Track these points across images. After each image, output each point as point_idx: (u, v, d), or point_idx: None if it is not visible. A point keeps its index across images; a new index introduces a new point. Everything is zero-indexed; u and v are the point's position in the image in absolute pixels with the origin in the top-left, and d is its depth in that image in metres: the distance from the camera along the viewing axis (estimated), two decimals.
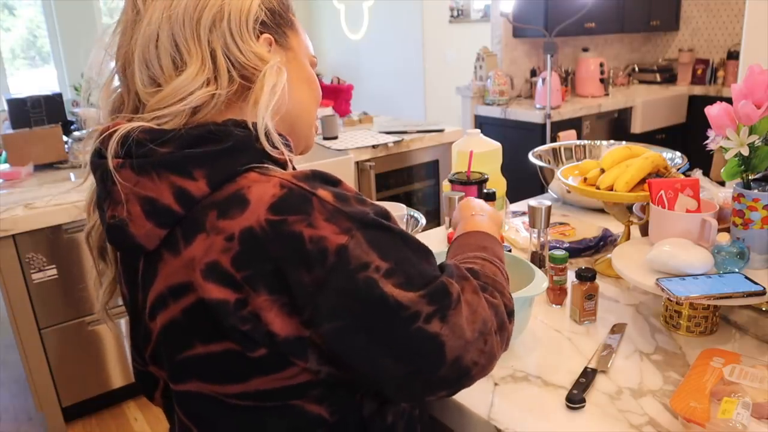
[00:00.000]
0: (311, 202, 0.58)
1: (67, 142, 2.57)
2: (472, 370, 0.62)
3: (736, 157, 0.96)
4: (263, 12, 0.69)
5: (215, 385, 0.63)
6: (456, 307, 0.61)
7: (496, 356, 0.65)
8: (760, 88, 0.93)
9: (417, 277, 0.60)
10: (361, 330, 0.58)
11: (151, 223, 0.60)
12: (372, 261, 0.58)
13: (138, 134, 0.61)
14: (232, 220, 0.58)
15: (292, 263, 0.56)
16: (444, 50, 4.86)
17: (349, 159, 2.54)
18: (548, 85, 3.28)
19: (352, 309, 0.58)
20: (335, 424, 0.66)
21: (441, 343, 0.59)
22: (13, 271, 1.97)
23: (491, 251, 0.78)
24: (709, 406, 0.75)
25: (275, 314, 0.58)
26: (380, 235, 0.60)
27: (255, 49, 0.66)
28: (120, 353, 2.26)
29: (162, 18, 0.64)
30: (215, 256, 0.58)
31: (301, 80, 0.75)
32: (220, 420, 0.66)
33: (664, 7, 4.35)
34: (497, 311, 0.67)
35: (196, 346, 0.62)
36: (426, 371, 0.60)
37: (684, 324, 0.99)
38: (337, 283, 0.57)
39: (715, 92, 4.05)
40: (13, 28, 4.66)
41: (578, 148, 1.82)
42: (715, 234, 0.97)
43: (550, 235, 1.36)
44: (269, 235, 0.56)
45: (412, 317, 0.58)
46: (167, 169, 0.60)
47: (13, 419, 2.36)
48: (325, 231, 0.57)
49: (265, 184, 0.59)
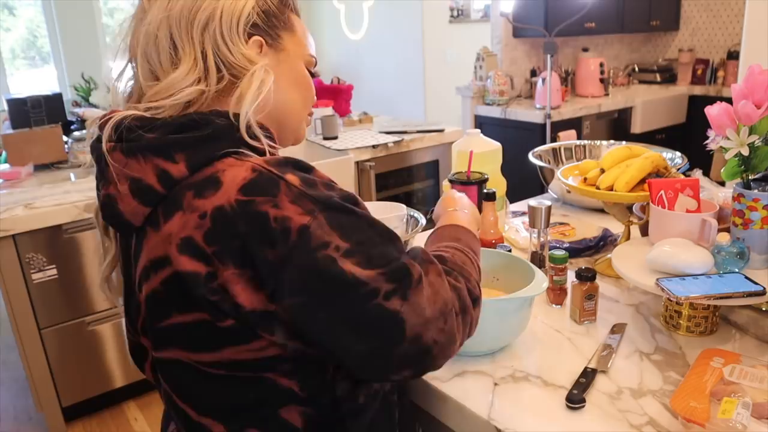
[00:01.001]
0: (279, 185, 0.62)
1: (67, 142, 2.57)
2: (432, 348, 0.64)
3: (736, 157, 0.96)
4: (256, 14, 0.73)
5: (191, 353, 0.68)
6: (417, 287, 0.64)
7: (456, 337, 0.67)
8: (760, 88, 0.93)
9: (378, 257, 0.63)
10: (322, 306, 0.62)
11: (136, 201, 0.66)
12: (332, 241, 0.61)
13: (130, 121, 0.67)
14: (206, 199, 0.63)
15: (257, 240, 0.61)
16: (444, 50, 4.86)
17: (349, 159, 2.54)
18: (548, 85, 3.28)
19: (313, 286, 0.61)
20: (306, 399, 0.70)
21: (401, 319, 0.62)
22: (13, 271, 1.97)
23: (464, 242, 0.81)
24: (709, 406, 0.75)
25: (242, 287, 0.62)
26: (342, 217, 0.63)
27: (244, 51, 0.71)
28: (120, 353, 2.26)
29: (161, 17, 0.70)
30: (189, 232, 0.63)
31: (292, 81, 0.78)
32: (197, 387, 0.71)
33: (664, 7, 4.35)
34: (459, 294, 0.69)
35: (173, 315, 0.66)
36: (386, 347, 0.63)
37: (684, 324, 0.99)
38: (298, 260, 0.60)
39: (715, 92, 4.05)
40: (13, 28, 4.66)
41: (578, 148, 1.82)
42: (715, 234, 0.97)
43: (550, 235, 1.36)
44: (238, 214, 0.61)
45: (370, 293, 0.61)
46: (152, 153, 0.66)
47: (13, 419, 2.36)
48: (289, 212, 0.61)
49: (239, 167, 0.64)
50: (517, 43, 3.97)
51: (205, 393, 0.71)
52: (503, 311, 0.93)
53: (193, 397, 0.72)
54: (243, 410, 0.70)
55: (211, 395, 0.71)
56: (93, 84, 3.11)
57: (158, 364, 0.74)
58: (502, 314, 0.93)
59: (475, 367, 0.94)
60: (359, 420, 0.75)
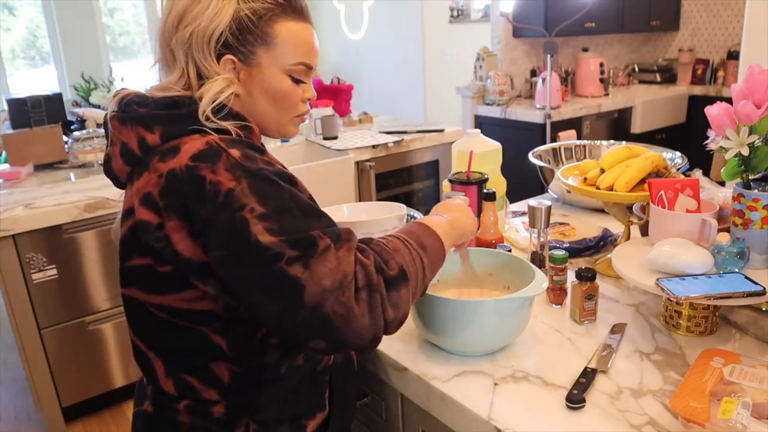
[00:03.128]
0: (221, 155, 0.73)
1: (67, 142, 2.57)
2: (333, 319, 0.69)
3: (736, 157, 0.96)
4: (229, 33, 0.79)
5: (143, 293, 0.81)
6: (320, 257, 0.70)
7: (354, 311, 0.70)
8: (760, 88, 0.93)
9: (289, 226, 0.70)
10: (236, 262, 0.71)
11: (122, 161, 0.81)
12: (249, 203, 0.70)
13: (130, 98, 0.82)
14: (165, 163, 0.75)
15: (194, 198, 0.72)
16: (444, 50, 4.86)
17: (349, 159, 2.54)
18: (548, 85, 3.28)
19: (230, 243, 0.70)
20: (233, 358, 0.80)
21: (301, 285, 0.68)
22: (13, 271, 1.97)
23: (414, 236, 0.83)
24: (709, 406, 0.75)
25: (182, 237, 0.74)
26: (265, 186, 0.72)
27: (214, 68, 0.81)
28: (120, 353, 2.26)
29: (161, 30, 0.83)
30: (150, 188, 0.75)
31: (264, 93, 0.84)
32: (146, 325, 0.83)
33: (664, 7, 4.35)
34: (366, 270, 0.72)
35: (133, 258, 0.80)
36: (289, 311, 0.69)
37: (684, 324, 0.99)
38: (221, 218, 0.70)
39: (715, 92, 4.05)
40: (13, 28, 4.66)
41: (578, 148, 1.82)
42: (715, 234, 0.97)
43: (550, 235, 1.36)
44: (184, 175, 0.73)
45: (274, 257, 0.69)
46: (138, 123, 0.79)
47: (13, 419, 2.36)
48: (222, 177, 0.71)
49: (197, 141, 0.75)
50: (517, 43, 3.97)
51: (151, 332, 0.83)
52: (503, 311, 0.93)
53: (143, 333, 0.85)
54: (180, 355, 0.82)
55: (156, 335, 0.83)
56: (93, 84, 3.11)
57: (123, 299, 0.85)
58: (502, 314, 0.93)
59: (475, 367, 0.94)
60: (275, 388, 0.84)
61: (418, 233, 0.84)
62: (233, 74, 0.82)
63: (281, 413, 0.85)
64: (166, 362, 0.83)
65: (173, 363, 0.83)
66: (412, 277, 0.77)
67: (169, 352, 0.83)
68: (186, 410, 0.82)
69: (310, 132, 2.93)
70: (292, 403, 0.86)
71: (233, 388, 0.82)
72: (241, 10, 0.79)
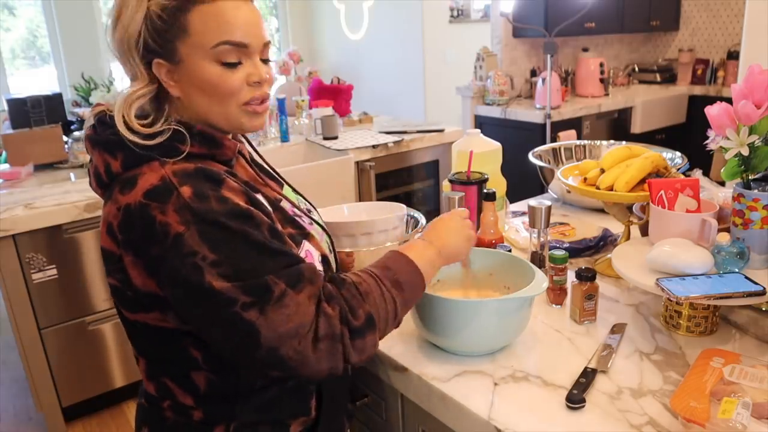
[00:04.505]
0: (171, 194, 0.72)
1: (67, 142, 2.57)
2: (288, 362, 0.71)
3: (736, 157, 0.96)
4: (147, 36, 0.76)
5: (122, 308, 0.83)
6: (277, 303, 0.70)
7: (309, 360, 0.71)
8: (760, 88, 0.93)
9: (244, 270, 0.71)
10: (191, 303, 0.72)
11: (95, 182, 0.82)
12: (200, 251, 0.70)
13: (99, 116, 0.81)
14: (124, 195, 0.75)
15: (144, 238, 0.72)
16: (444, 50, 4.86)
17: (349, 159, 2.54)
18: (548, 85, 3.28)
19: (182, 285, 0.71)
20: (210, 370, 0.81)
21: (256, 330, 0.70)
22: (13, 271, 1.97)
23: (390, 273, 0.81)
24: (709, 406, 0.75)
25: (138, 272, 0.76)
26: (215, 232, 0.71)
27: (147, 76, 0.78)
28: (120, 353, 2.26)
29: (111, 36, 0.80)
30: (111, 219, 0.76)
31: (195, 88, 0.79)
32: (132, 333, 0.86)
33: (664, 7, 4.34)
34: (329, 322, 0.73)
35: (109, 275, 0.81)
36: (244, 352, 0.71)
37: (684, 324, 0.99)
38: (171, 262, 0.71)
39: (715, 92, 4.05)
40: (13, 28, 4.66)
41: (578, 148, 1.82)
42: (715, 234, 0.97)
43: (550, 235, 1.36)
44: (136, 213, 0.73)
45: (228, 301, 0.70)
46: (103, 148, 0.79)
47: (13, 419, 2.36)
48: (171, 219, 0.71)
49: (153, 174, 0.75)
50: (517, 43, 3.97)
51: (136, 338, 0.86)
52: (503, 311, 0.93)
53: (130, 337, 0.87)
54: (162, 361, 0.84)
55: (139, 341, 0.85)
56: (93, 84, 3.11)
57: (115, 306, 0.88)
58: (502, 314, 0.93)
59: (475, 367, 0.94)
60: (251, 399, 0.84)
61: (395, 269, 0.82)
62: (168, 77, 0.78)
63: (261, 418, 0.85)
64: (149, 365, 0.86)
65: (156, 367, 0.86)
66: (381, 321, 0.77)
67: (152, 357, 0.86)
68: (169, 408, 0.85)
69: (310, 132, 2.93)
70: (272, 410, 0.86)
71: (208, 397, 0.83)
72: (151, 8, 0.75)
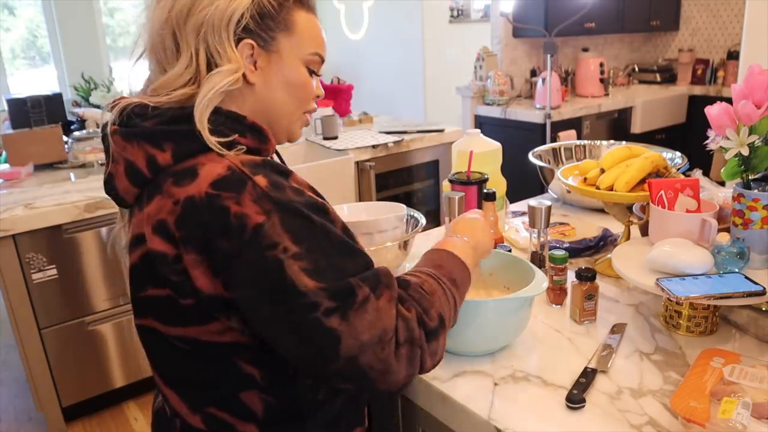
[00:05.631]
0: (246, 184, 0.66)
1: (67, 142, 2.57)
2: (368, 372, 0.65)
3: (736, 157, 0.96)
4: (249, 17, 0.73)
5: (163, 324, 0.73)
6: (359, 309, 0.65)
7: (393, 367, 0.66)
8: (760, 88, 0.93)
9: (327, 268, 0.65)
10: (266, 303, 0.65)
11: (128, 182, 0.73)
12: (282, 242, 0.64)
13: (132, 108, 0.73)
14: (182, 188, 0.67)
15: (215, 231, 0.65)
16: (444, 50, 4.86)
17: (349, 159, 2.54)
18: (548, 85, 3.28)
19: (259, 283, 0.64)
20: (267, 387, 0.74)
21: (337, 338, 0.64)
22: (13, 271, 1.97)
23: (445, 270, 0.79)
24: (709, 406, 0.75)
25: (201, 272, 0.67)
26: (298, 222, 0.66)
27: (229, 54, 0.73)
28: (120, 353, 2.26)
29: (164, 16, 0.73)
30: (164, 216, 0.68)
31: (283, 82, 0.78)
32: (167, 357, 0.77)
33: (664, 7, 4.35)
34: (408, 325, 0.68)
35: (147, 288, 0.72)
36: (320, 361, 0.65)
37: (684, 324, 0.99)
38: (248, 255, 0.64)
39: (715, 92, 4.05)
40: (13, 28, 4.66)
41: (578, 148, 1.82)
42: (715, 234, 0.97)
43: (550, 235, 1.36)
44: (204, 205, 0.65)
45: (310, 306, 0.63)
46: (144, 139, 0.71)
47: (13, 419, 2.36)
48: (249, 209, 0.64)
49: (217, 164, 0.68)
50: (517, 43, 3.97)
51: (173, 364, 0.76)
52: (503, 311, 0.93)
53: (163, 366, 0.78)
54: (206, 387, 0.75)
55: (178, 367, 0.76)
56: (93, 84, 3.11)
57: (138, 329, 0.79)
58: (502, 314, 0.93)
59: (475, 367, 0.93)
60: (317, 414, 0.78)
61: (449, 268, 0.80)
62: (249, 61, 0.75)
63: None
64: (190, 395, 0.77)
65: (198, 396, 0.76)
66: (448, 321, 0.74)
67: (193, 385, 0.76)
68: None
69: (310, 132, 2.93)
70: (339, 424, 0.82)
71: (271, 420, 0.75)
72: None
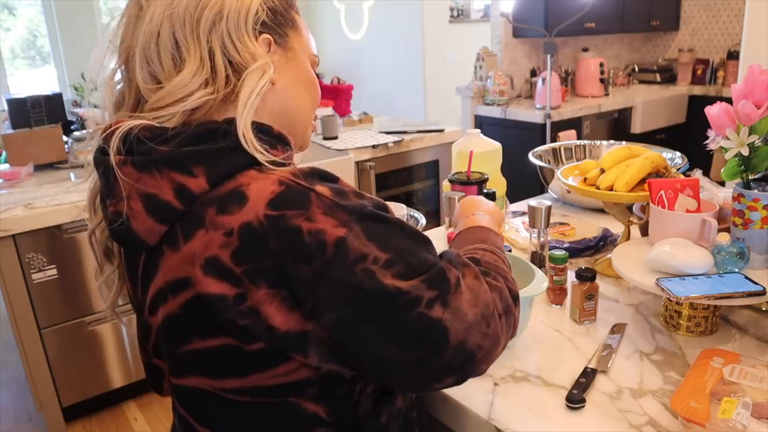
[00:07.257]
0: (309, 197, 0.59)
1: (67, 142, 2.57)
2: (477, 353, 0.62)
3: (736, 157, 0.96)
4: (264, 12, 0.68)
5: (213, 380, 0.64)
6: (456, 291, 0.61)
7: (501, 340, 0.65)
8: (760, 88, 0.93)
9: (417, 265, 0.61)
10: (363, 319, 0.59)
11: (152, 219, 0.61)
12: (370, 252, 0.58)
13: (139, 132, 0.62)
14: (231, 215, 0.58)
15: (291, 256, 0.57)
16: (444, 50, 4.86)
17: (349, 159, 2.54)
18: (548, 85, 3.28)
19: (352, 300, 0.58)
20: (332, 423, 0.67)
21: (444, 327, 0.60)
22: (13, 271, 1.97)
23: (491, 242, 0.79)
24: (709, 406, 0.75)
25: (275, 308, 0.58)
26: (378, 227, 0.60)
27: (252, 49, 0.66)
28: (120, 353, 2.26)
29: (163, 15, 0.65)
30: (215, 251, 0.58)
31: (299, 81, 0.74)
32: (218, 415, 0.67)
33: (664, 7, 4.35)
34: (501, 294, 0.67)
35: (194, 340, 0.63)
36: (431, 356, 0.60)
37: (684, 324, 0.99)
38: (336, 274, 0.57)
39: (715, 92, 4.05)
40: (13, 28, 4.66)
41: (578, 148, 1.82)
42: (715, 234, 0.97)
43: (550, 235, 1.36)
44: (268, 230, 0.57)
45: (413, 302, 0.59)
46: (168, 166, 0.60)
47: (13, 419, 2.36)
48: (324, 224, 0.57)
49: (263, 181, 0.60)
50: (517, 43, 3.97)
51: (227, 420, 0.67)
52: None
53: (214, 423, 0.69)
54: None
55: (234, 422, 0.67)
56: (93, 84, 3.11)
57: (176, 389, 0.71)
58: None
59: None
60: None
61: (491, 242, 0.79)
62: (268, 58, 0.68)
63: None
64: None
65: None
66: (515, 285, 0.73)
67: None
68: None
69: None
70: None
71: None
72: None
